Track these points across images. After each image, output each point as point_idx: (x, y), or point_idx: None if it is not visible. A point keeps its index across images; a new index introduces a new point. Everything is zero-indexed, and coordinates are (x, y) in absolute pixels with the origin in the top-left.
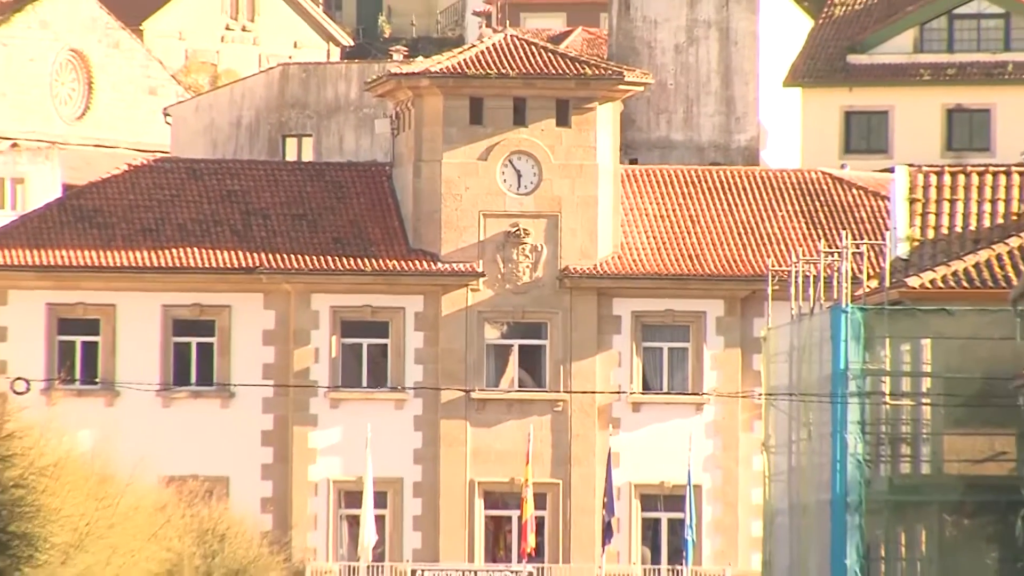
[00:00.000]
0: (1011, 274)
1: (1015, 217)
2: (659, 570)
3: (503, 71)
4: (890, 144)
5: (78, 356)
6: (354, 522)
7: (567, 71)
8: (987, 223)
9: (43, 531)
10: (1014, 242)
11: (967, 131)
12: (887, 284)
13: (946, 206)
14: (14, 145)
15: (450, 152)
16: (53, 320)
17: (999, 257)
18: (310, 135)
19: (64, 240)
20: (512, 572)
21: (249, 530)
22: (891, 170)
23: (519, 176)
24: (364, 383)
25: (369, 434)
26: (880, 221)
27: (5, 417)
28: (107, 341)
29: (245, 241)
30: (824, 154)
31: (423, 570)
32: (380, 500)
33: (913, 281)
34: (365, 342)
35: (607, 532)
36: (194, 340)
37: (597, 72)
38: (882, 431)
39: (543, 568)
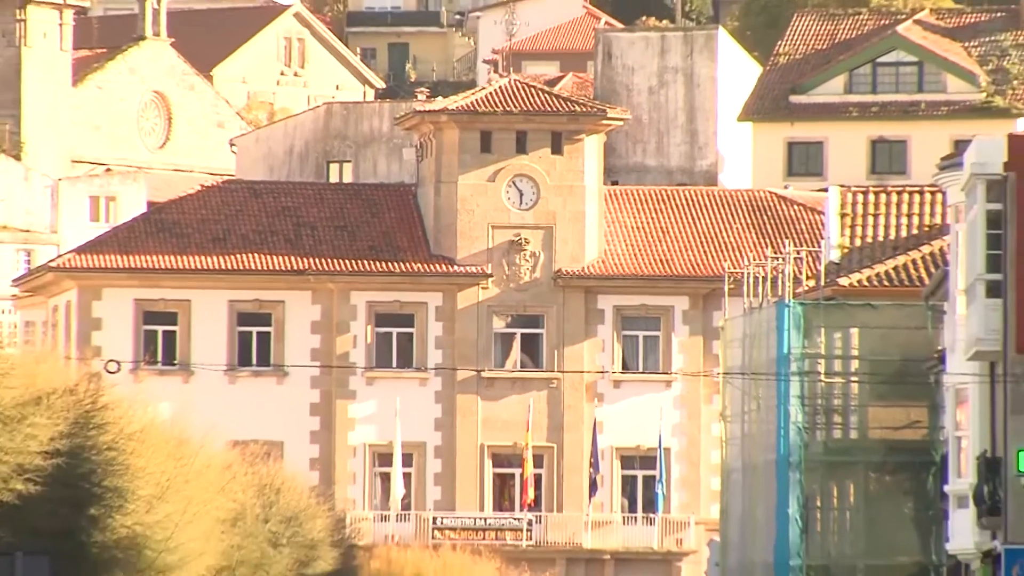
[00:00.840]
0: (924, 275)
1: (927, 229)
2: (636, 518)
3: (508, 109)
4: (825, 169)
5: (160, 342)
6: (386, 478)
7: (560, 109)
8: (904, 233)
9: (131, 485)
10: (926, 249)
11: (888, 158)
12: (822, 283)
13: (871, 219)
14: (108, 170)
15: (464, 175)
16: (139, 313)
17: (914, 262)
18: (350, 161)
19: (148, 247)
20: (515, 519)
21: (300, 485)
22: (826, 190)
23: (521, 195)
24: (394, 364)
25: (398, 406)
26: (816, 232)
27: (100, 392)
28: (183, 330)
29: (296, 248)
30: (771, 177)
31: (442, 517)
32: (407, 460)
33: (844, 281)
34: (395, 331)
35: (593, 487)
36: (255, 329)
37: (585, 110)
38: (818, 403)
39: (540, 516)
